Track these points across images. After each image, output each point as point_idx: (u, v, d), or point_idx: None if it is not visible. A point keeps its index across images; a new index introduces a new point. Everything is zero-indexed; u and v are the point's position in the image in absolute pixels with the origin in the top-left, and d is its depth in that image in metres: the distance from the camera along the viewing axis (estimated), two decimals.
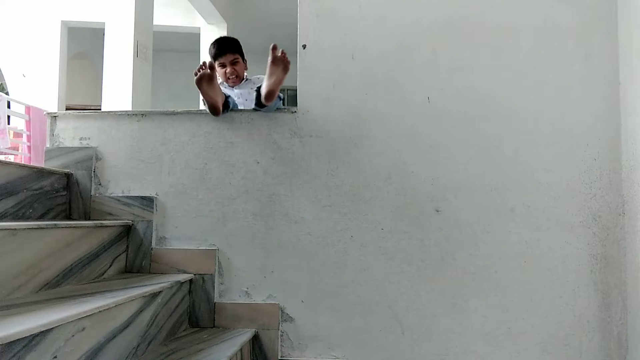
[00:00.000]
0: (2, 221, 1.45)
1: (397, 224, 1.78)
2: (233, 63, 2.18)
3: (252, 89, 2.12)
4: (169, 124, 1.89)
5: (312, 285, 1.78)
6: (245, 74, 2.26)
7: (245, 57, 2.27)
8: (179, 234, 1.84)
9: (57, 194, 1.83)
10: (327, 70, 1.87)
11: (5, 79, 5.44)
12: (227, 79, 2.19)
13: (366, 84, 1.85)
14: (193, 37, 5.40)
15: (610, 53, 1.79)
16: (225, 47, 2.18)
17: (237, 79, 2.21)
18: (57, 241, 1.45)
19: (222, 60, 2.17)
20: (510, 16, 1.83)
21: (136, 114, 1.92)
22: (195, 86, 1.75)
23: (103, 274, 1.68)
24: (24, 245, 1.32)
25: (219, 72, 2.17)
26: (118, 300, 1.24)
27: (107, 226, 1.71)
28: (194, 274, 1.78)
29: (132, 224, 1.83)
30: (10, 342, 0.89)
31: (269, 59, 1.73)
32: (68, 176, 1.88)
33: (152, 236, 1.83)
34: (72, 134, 1.94)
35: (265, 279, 1.80)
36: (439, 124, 1.81)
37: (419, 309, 1.75)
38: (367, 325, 1.76)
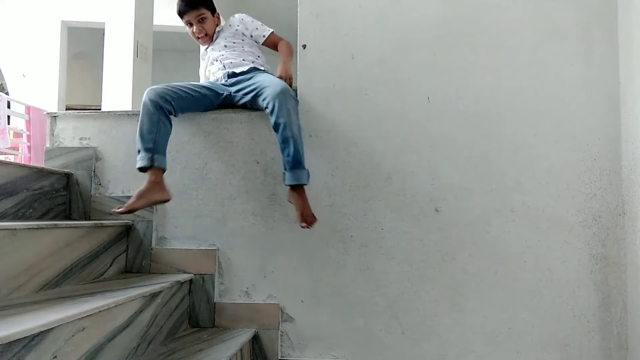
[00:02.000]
0: (2, 221, 1.45)
1: (397, 224, 1.78)
2: (199, 20, 1.96)
3: (233, 36, 1.95)
4: None
5: (312, 285, 1.78)
6: (217, 28, 2.03)
7: (216, 11, 2.03)
8: (179, 234, 1.84)
9: (57, 194, 1.83)
10: (327, 70, 1.87)
11: (5, 79, 5.44)
12: (197, 39, 2.01)
13: (366, 84, 1.85)
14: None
15: (610, 53, 1.78)
16: (188, 4, 1.95)
17: (207, 37, 1.99)
18: (57, 241, 1.45)
19: (187, 18, 1.97)
20: (510, 16, 1.83)
21: (136, 114, 1.91)
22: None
23: (103, 274, 1.68)
24: (24, 245, 1.32)
25: (189, 32, 2.01)
26: (118, 300, 1.24)
27: (107, 226, 1.71)
28: (194, 274, 1.78)
29: (132, 224, 1.83)
30: (10, 342, 0.89)
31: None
32: (68, 176, 1.89)
33: (152, 236, 1.83)
34: (72, 134, 1.94)
35: (265, 279, 1.80)
36: (439, 124, 1.81)
37: (419, 309, 1.75)
38: (367, 325, 1.76)
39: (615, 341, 1.70)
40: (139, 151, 1.62)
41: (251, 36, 1.99)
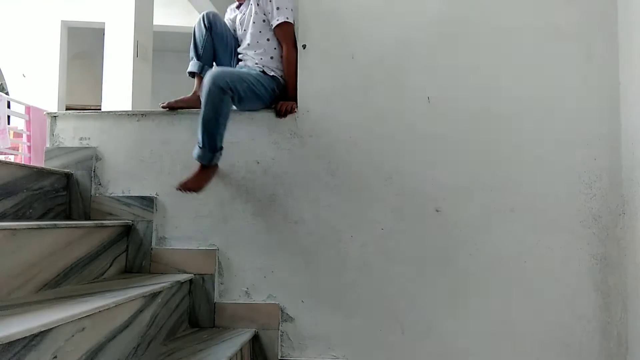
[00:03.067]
0: (2, 221, 1.45)
1: (397, 224, 1.78)
2: None
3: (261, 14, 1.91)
4: (169, 124, 1.89)
5: (312, 285, 1.78)
6: None
7: None
8: (179, 234, 1.84)
9: (57, 194, 1.83)
10: (327, 70, 1.87)
11: (5, 79, 5.44)
12: None
13: (366, 84, 1.85)
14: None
15: (610, 53, 1.78)
16: None
17: None
18: (57, 241, 1.45)
19: None
20: (510, 16, 1.83)
21: (136, 114, 1.92)
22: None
23: (103, 274, 1.68)
24: (24, 245, 1.32)
25: None
26: (118, 300, 1.24)
27: (107, 226, 1.71)
28: (194, 274, 1.78)
29: (132, 224, 1.83)
30: (10, 342, 0.89)
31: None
32: (68, 176, 1.88)
33: (152, 236, 1.83)
34: (72, 134, 1.94)
35: (265, 279, 1.80)
36: (439, 124, 1.81)
37: (419, 309, 1.75)
38: (367, 325, 1.76)
39: (615, 341, 1.70)
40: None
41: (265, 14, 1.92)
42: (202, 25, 1.95)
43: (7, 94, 5.22)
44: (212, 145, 1.68)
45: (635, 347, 1.64)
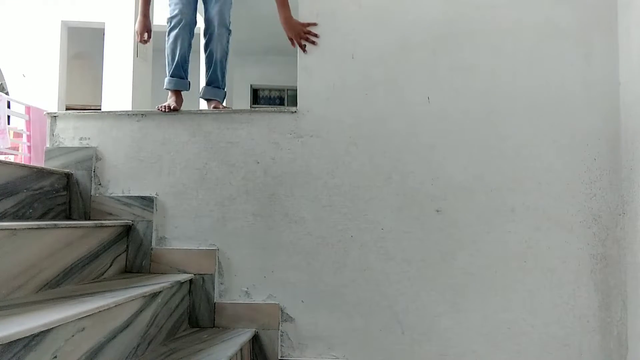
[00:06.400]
0: (2, 221, 1.45)
1: (397, 224, 1.78)
2: None
3: None
4: (169, 124, 1.89)
5: (312, 285, 1.78)
6: None
7: None
8: (179, 234, 1.84)
9: (57, 194, 1.83)
10: (327, 70, 1.87)
11: (5, 79, 5.44)
12: None
13: (366, 84, 1.85)
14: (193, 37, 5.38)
15: (610, 53, 1.78)
16: None
17: None
18: (57, 241, 1.45)
19: None
20: (510, 16, 1.83)
21: (136, 114, 1.92)
22: None
23: (103, 274, 1.68)
24: (24, 245, 1.32)
25: None
26: (118, 300, 1.24)
27: (107, 226, 1.71)
28: (194, 274, 1.78)
29: (132, 224, 1.83)
30: (10, 342, 0.89)
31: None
32: (68, 176, 1.89)
33: (152, 236, 1.83)
34: (72, 134, 1.94)
35: (265, 279, 1.80)
36: (439, 124, 1.81)
37: (419, 309, 1.75)
38: (367, 325, 1.76)
39: (615, 341, 1.70)
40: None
41: None
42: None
43: (7, 94, 5.22)
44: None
45: (635, 346, 1.64)
